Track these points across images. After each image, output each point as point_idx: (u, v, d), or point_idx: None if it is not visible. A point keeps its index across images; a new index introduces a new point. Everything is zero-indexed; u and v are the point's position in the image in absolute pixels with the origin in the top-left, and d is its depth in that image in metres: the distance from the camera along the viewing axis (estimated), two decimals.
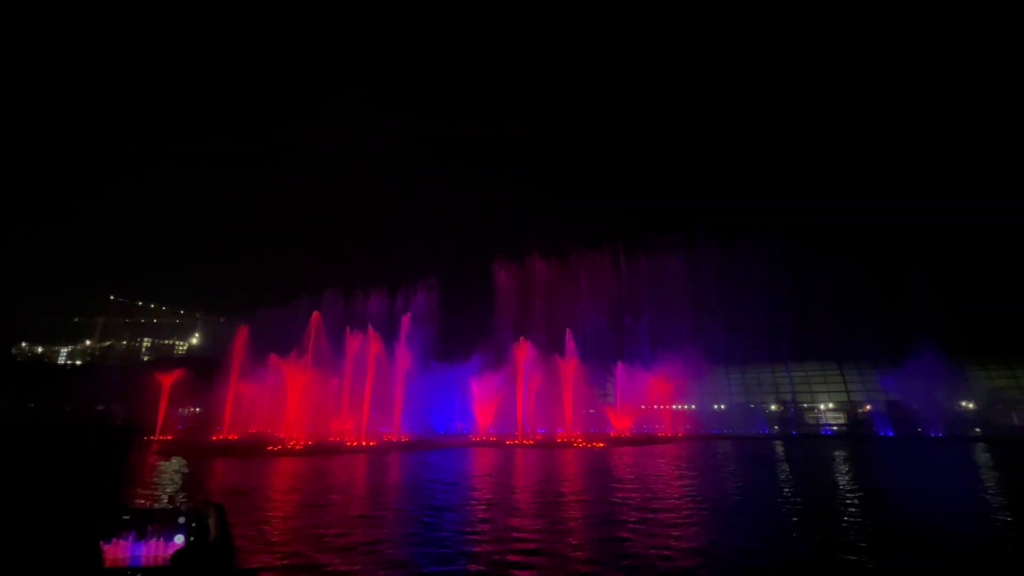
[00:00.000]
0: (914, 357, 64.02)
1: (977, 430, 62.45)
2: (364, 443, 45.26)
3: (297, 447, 40.06)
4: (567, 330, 62.89)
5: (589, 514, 14.47)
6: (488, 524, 12.99)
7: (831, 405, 76.35)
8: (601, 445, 47.35)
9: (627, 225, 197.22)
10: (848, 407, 74.89)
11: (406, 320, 56.08)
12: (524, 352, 57.80)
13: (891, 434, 64.01)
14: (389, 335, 55.95)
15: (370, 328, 52.68)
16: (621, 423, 64.32)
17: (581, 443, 48.69)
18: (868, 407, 71.92)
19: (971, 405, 66.35)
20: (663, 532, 11.82)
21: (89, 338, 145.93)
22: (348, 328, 53.33)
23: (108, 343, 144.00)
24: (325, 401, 50.71)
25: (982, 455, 36.46)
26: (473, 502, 16.56)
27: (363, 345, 51.78)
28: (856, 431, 68.71)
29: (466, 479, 23.45)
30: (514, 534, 11.55)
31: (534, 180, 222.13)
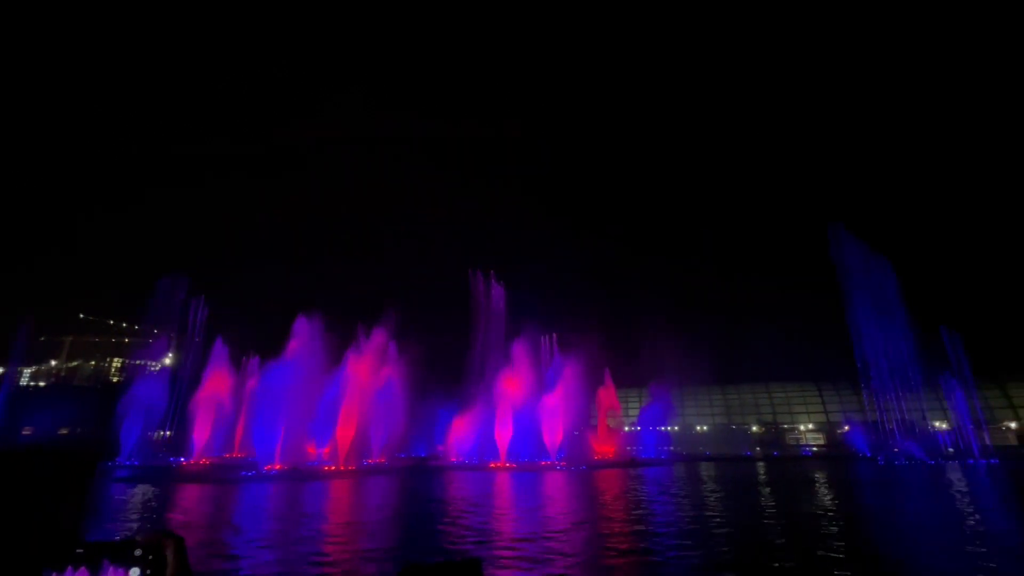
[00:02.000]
0: (896, 376, 64.29)
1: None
2: (343, 467, 44.02)
3: (273, 472, 38.77)
4: (552, 342, 62.78)
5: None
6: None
7: (811, 426, 77.15)
8: (583, 468, 46.94)
9: (619, 239, 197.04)
10: (827, 428, 75.72)
11: (390, 343, 55.34)
12: (509, 376, 57.42)
13: (869, 454, 64.44)
14: (371, 355, 54.95)
15: (351, 351, 51.80)
16: (604, 446, 63.84)
17: (563, 465, 48.35)
18: (847, 427, 72.71)
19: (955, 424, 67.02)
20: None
21: (55, 358, 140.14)
22: (328, 349, 52.27)
23: (75, 363, 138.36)
24: (302, 424, 49.31)
25: (953, 474, 37.07)
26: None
27: (344, 367, 50.79)
28: (835, 452, 69.15)
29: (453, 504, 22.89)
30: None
31: (535, 182, 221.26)
